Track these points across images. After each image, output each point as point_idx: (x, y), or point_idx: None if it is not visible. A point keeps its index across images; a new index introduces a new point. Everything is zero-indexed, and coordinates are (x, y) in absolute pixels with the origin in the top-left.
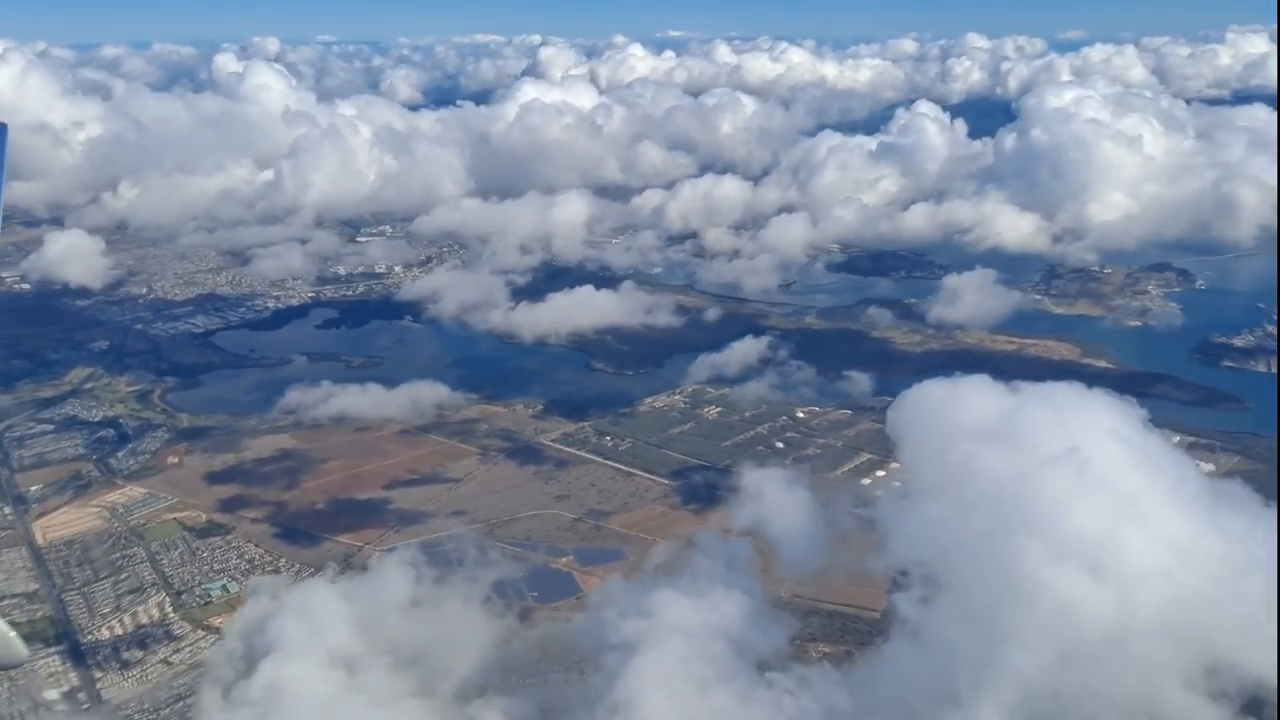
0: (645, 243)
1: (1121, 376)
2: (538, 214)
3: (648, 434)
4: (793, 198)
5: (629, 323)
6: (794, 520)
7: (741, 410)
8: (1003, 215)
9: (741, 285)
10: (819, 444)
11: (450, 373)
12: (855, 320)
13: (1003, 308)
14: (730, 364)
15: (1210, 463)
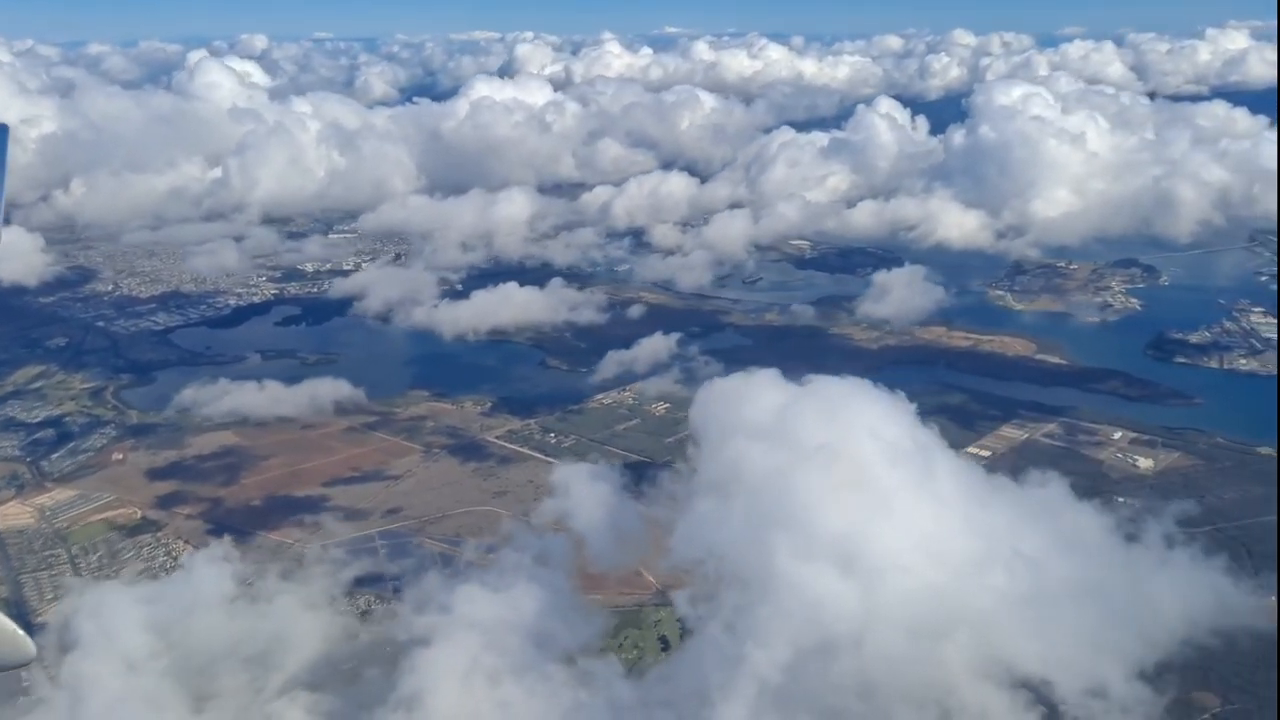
0: (586, 239)
1: (1072, 372)
2: (480, 211)
3: (593, 430)
4: (741, 194)
5: (580, 320)
6: (610, 516)
7: (689, 406)
8: (947, 212)
9: (700, 283)
10: None
11: (402, 370)
12: (815, 317)
13: (963, 303)
14: (681, 361)
15: (1149, 458)
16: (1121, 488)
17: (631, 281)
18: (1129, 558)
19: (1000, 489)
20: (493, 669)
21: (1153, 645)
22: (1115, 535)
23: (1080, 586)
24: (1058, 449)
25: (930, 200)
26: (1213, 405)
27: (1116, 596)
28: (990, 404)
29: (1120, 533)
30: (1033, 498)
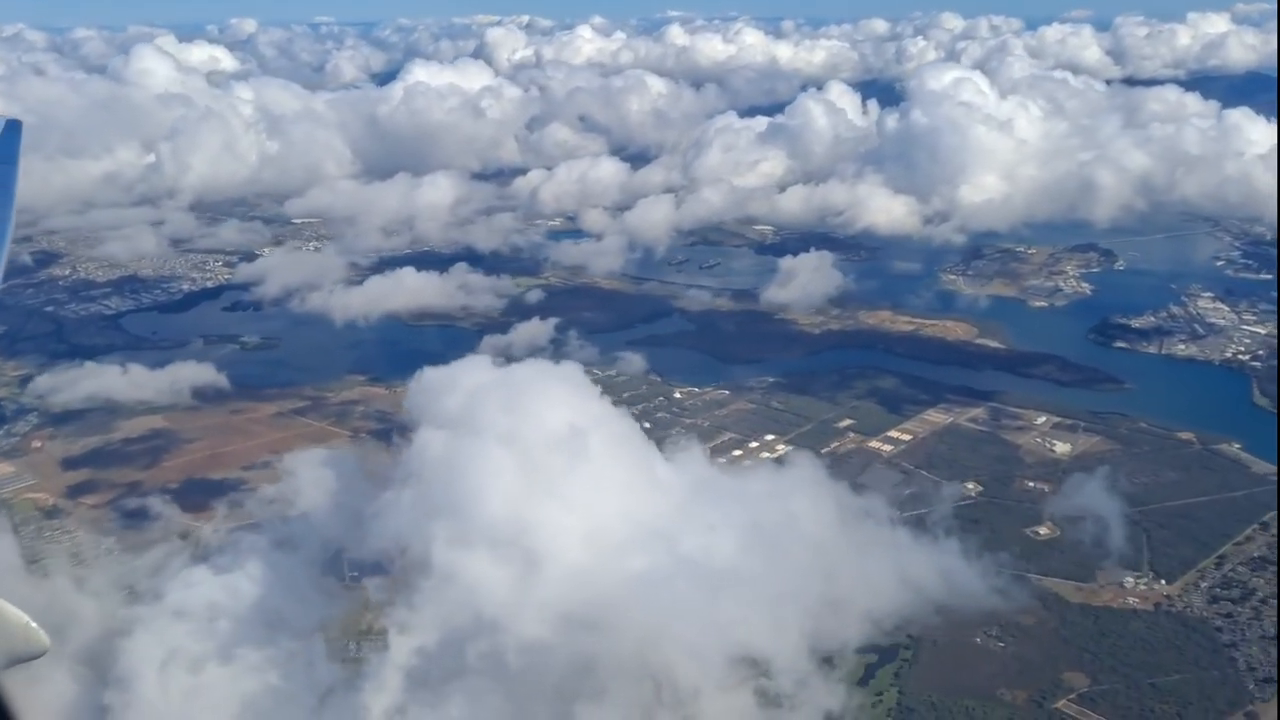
0: (508, 224)
1: (1009, 356)
2: (404, 196)
3: None
4: (674, 179)
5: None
6: (341, 499)
7: (621, 391)
8: (875, 198)
9: (612, 267)
10: (686, 423)
11: (342, 354)
12: (761, 301)
13: (913, 288)
14: (618, 345)
15: (1067, 443)
16: (1033, 471)
17: (554, 267)
18: (862, 541)
19: (711, 477)
20: (197, 655)
21: (868, 625)
22: (869, 519)
23: (791, 569)
24: (979, 433)
25: (859, 186)
26: (1144, 390)
27: (838, 579)
28: (921, 388)
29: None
30: (785, 481)
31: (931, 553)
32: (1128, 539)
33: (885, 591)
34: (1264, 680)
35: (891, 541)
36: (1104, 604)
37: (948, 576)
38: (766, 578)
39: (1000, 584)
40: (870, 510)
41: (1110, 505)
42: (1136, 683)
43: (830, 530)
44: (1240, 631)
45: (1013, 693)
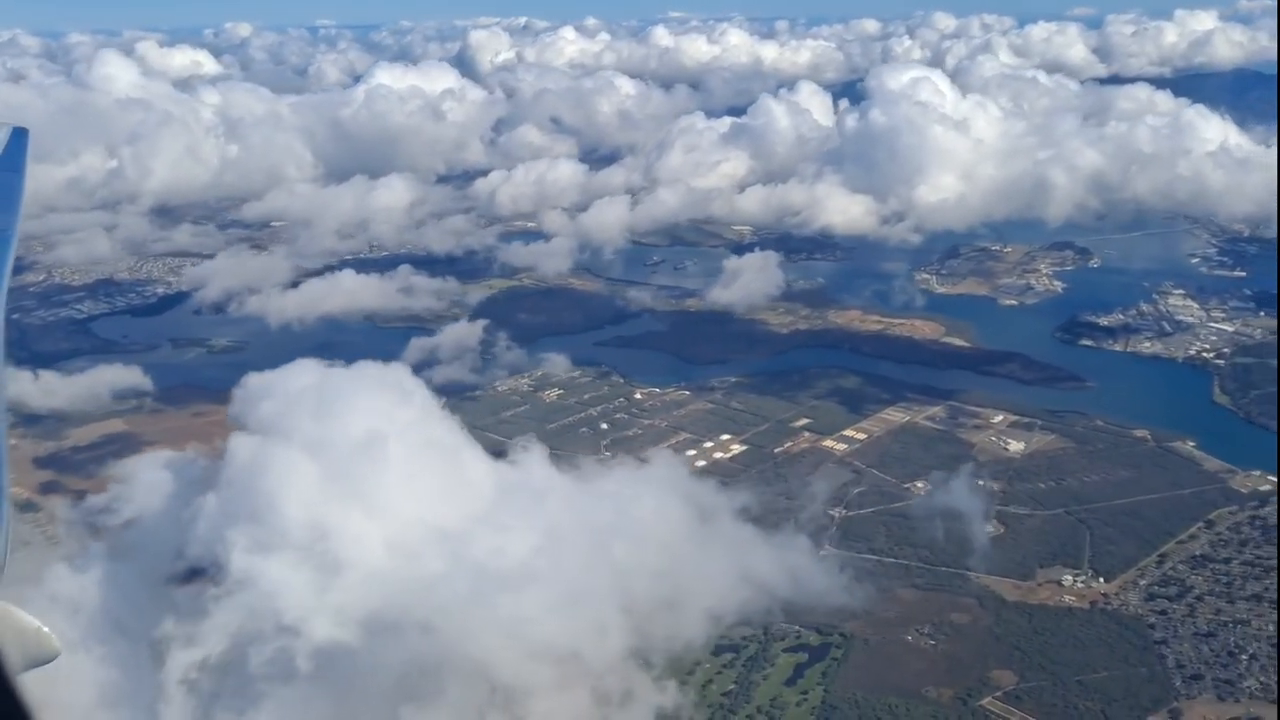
0: (462, 226)
1: (973, 355)
2: (360, 199)
3: (478, 417)
4: (635, 181)
5: (490, 307)
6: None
7: (583, 393)
8: (833, 198)
9: (561, 268)
10: (644, 424)
11: (308, 357)
12: (733, 301)
13: (885, 288)
14: (584, 347)
15: (1021, 442)
16: (985, 470)
17: (513, 268)
18: (712, 541)
19: (547, 480)
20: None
21: (709, 623)
22: (727, 519)
23: (616, 570)
24: (935, 432)
25: (818, 186)
26: (1105, 388)
27: (676, 579)
28: (882, 387)
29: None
30: (640, 484)
31: (787, 551)
32: (1071, 537)
33: (729, 591)
34: (1192, 678)
35: (747, 540)
36: (1040, 602)
37: (802, 574)
38: (585, 578)
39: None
40: (731, 509)
41: (1057, 503)
42: (1064, 680)
43: (676, 531)
44: (1173, 629)
45: (939, 690)
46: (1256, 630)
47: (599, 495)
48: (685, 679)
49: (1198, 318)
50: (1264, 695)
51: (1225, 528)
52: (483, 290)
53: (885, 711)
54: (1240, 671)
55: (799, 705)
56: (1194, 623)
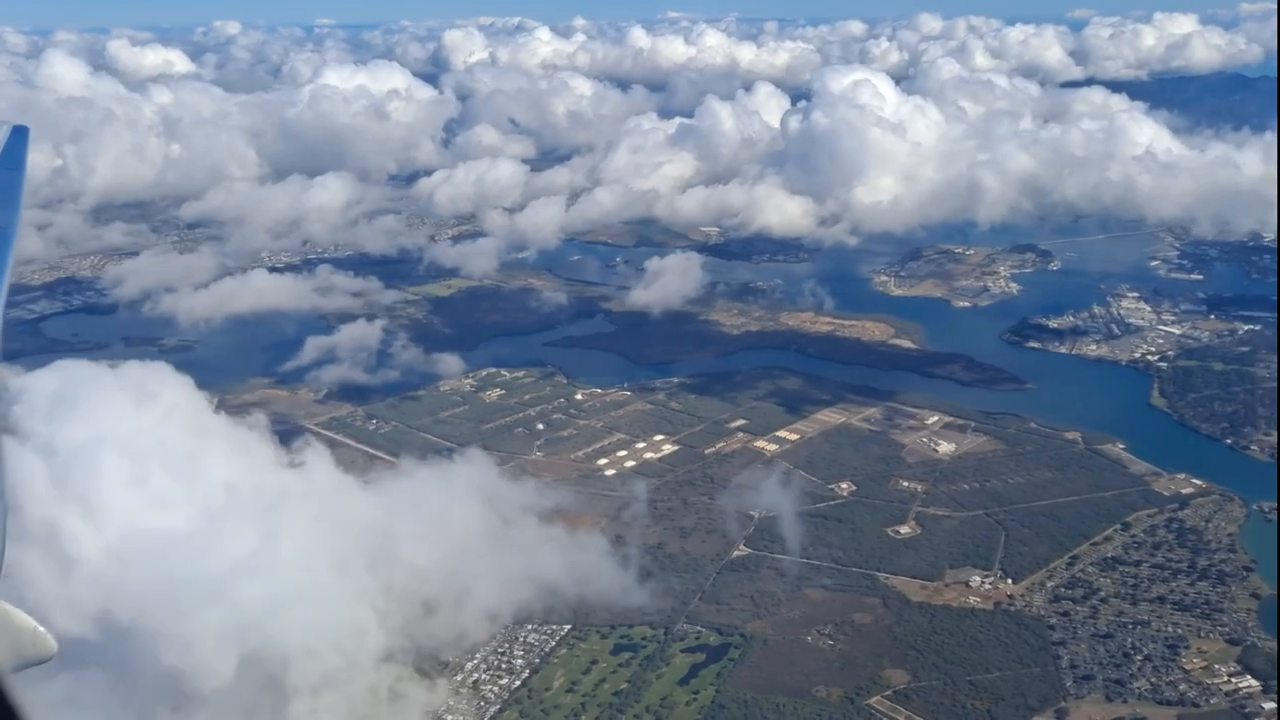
0: (397, 226)
1: (919, 356)
2: (295, 198)
3: (417, 417)
4: (579, 181)
5: (443, 307)
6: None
7: (524, 393)
8: (772, 199)
9: (488, 268)
10: (580, 425)
11: (254, 356)
12: (689, 302)
13: (842, 289)
14: (534, 347)
15: (952, 443)
16: (911, 471)
17: (456, 271)
18: (498, 541)
19: (326, 481)
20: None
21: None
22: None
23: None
24: (868, 433)
25: (758, 187)
26: (1044, 390)
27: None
28: (824, 388)
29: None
30: (433, 485)
31: (581, 552)
32: (986, 538)
33: (508, 590)
34: (1083, 678)
35: (540, 541)
36: (944, 602)
37: (594, 573)
38: (342, 578)
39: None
40: (534, 510)
41: (977, 505)
42: (955, 679)
43: (464, 532)
44: (1072, 630)
45: (829, 690)
46: (1155, 632)
47: (389, 496)
48: (453, 677)
49: (1148, 321)
50: (1152, 696)
51: (1141, 530)
52: (442, 290)
53: (773, 711)
54: (1132, 672)
55: (688, 705)
56: (1095, 624)
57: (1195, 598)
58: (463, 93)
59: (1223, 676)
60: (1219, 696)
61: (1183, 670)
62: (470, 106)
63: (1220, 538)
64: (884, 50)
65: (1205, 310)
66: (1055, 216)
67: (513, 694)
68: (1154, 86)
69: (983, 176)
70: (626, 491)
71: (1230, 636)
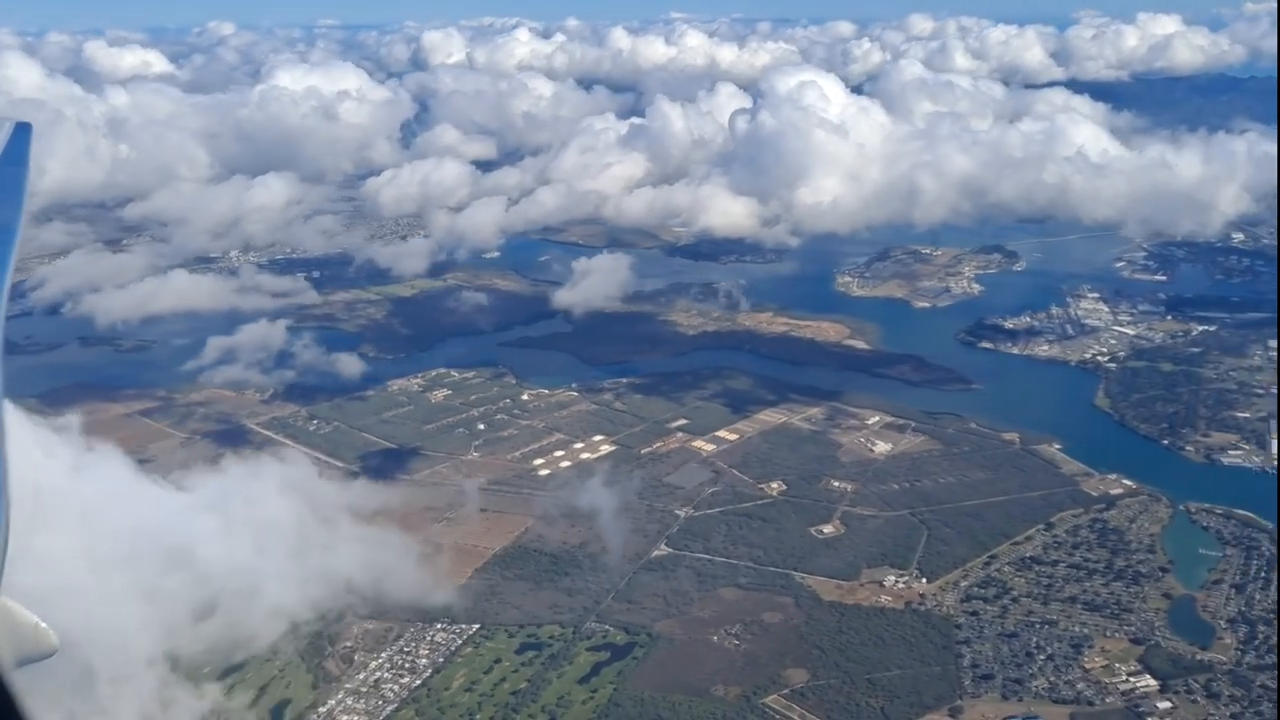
0: (335, 226)
1: (870, 357)
2: (236, 198)
3: (361, 417)
4: (528, 181)
5: (389, 308)
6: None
7: (471, 393)
8: (717, 199)
9: (418, 269)
10: (521, 425)
11: (209, 355)
12: (649, 303)
13: (805, 290)
14: (489, 347)
15: (890, 443)
16: (844, 471)
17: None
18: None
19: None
20: None
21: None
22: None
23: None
24: (808, 433)
25: (704, 188)
26: (990, 390)
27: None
28: (771, 388)
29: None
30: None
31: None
32: (908, 538)
33: (306, 588)
34: (983, 677)
35: (348, 538)
36: (856, 602)
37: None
38: (97, 579)
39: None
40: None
41: (904, 504)
42: (854, 678)
43: (263, 532)
44: (979, 630)
45: (727, 689)
46: (1062, 631)
47: (197, 496)
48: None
49: (1104, 321)
50: (1049, 695)
51: (1063, 530)
52: (404, 290)
53: (667, 709)
54: (1033, 671)
55: (584, 704)
56: (1002, 624)
57: (1107, 598)
58: (427, 94)
59: (1121, 676)
60: (1115, 695)
61: (1083, 670)
62: (435, 107)
63: (1142, 538)
64: (865, 51)
65: (1163, 311)
66: (996, 218)
67: (412, 693)
68: (1135, 87)
69: (920, 178)
70: (554, 491)
71: (1135, 637)
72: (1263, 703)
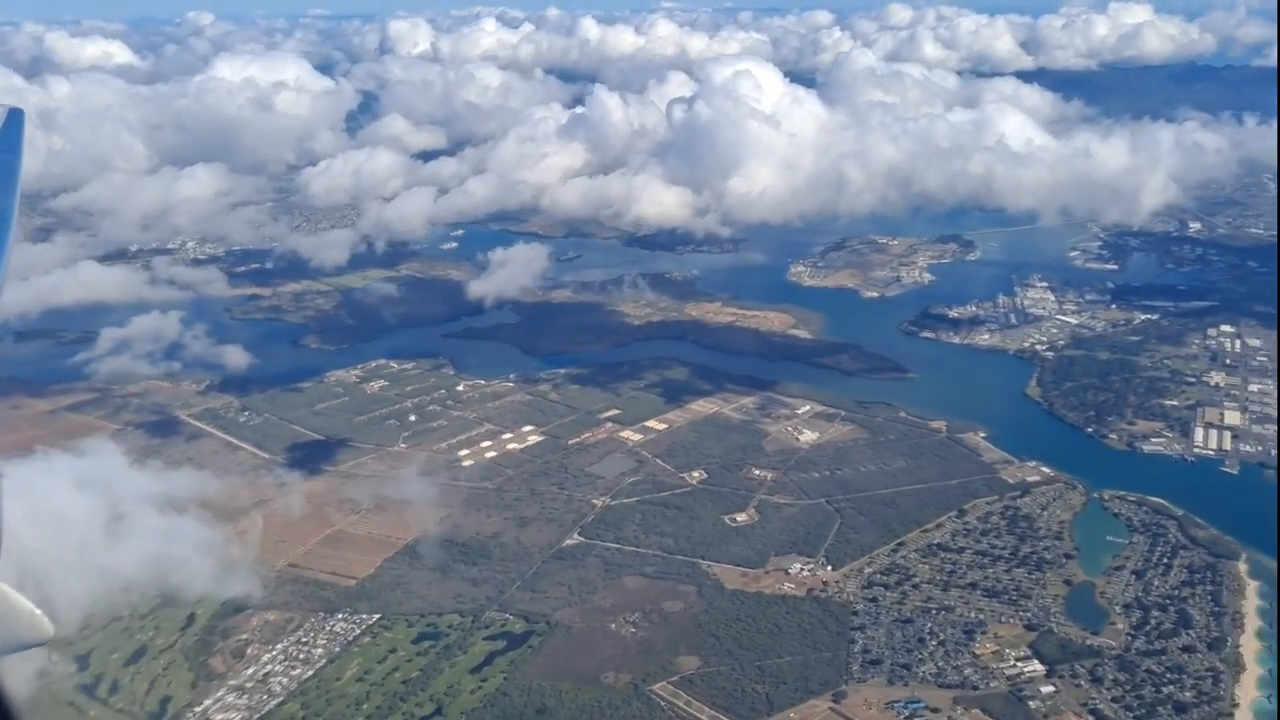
0: (254, 217)
1: (811, 346)
2: (165, 189)
3: (293, 409)
4: (464, 171)
5: (339, 299)
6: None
7: (407, 384)
8: (650, 189)
9: (339, 260)
10: (452, 416)
11: (154, 346)
12: (599, 293)
13: (756, 279)
14: (433, 338)
15: (816, 431)
16: (767, 460)
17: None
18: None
19: None
20: None
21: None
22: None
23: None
24: (737, 422)
25: (638, 178)
26: (925, 379)
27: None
28: (708, 378)
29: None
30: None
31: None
32: (820, 526)
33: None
34: (871, 662)
35: (140, 530)
36: (758, 589)
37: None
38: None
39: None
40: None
41: (820, 492)
42: (745, 665)
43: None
44: (875, 616)
45: (618, 677)
46: (958, 617)
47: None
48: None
49: (1049, 310)
50: (935, 679)
51: (975, 518)
52: (356, 280)
53: (554, 698)
54: (922, 657)
55: (473, 693)
56: (900, 610)
57: (1007, 584)
58: (378, 84)
59: (1010, 661)
60: (1000, 680)
61: (973, 655)
62: (385, 97)
63: (1051, 525)
64: (835, 40)
65: (1108, 300)
66: (926, 207)
67: (302, 685)
68: (1105, 76)
69: (847, 168)
70: (477, 482)
71: (1029, 622)
72: (1145, 686)
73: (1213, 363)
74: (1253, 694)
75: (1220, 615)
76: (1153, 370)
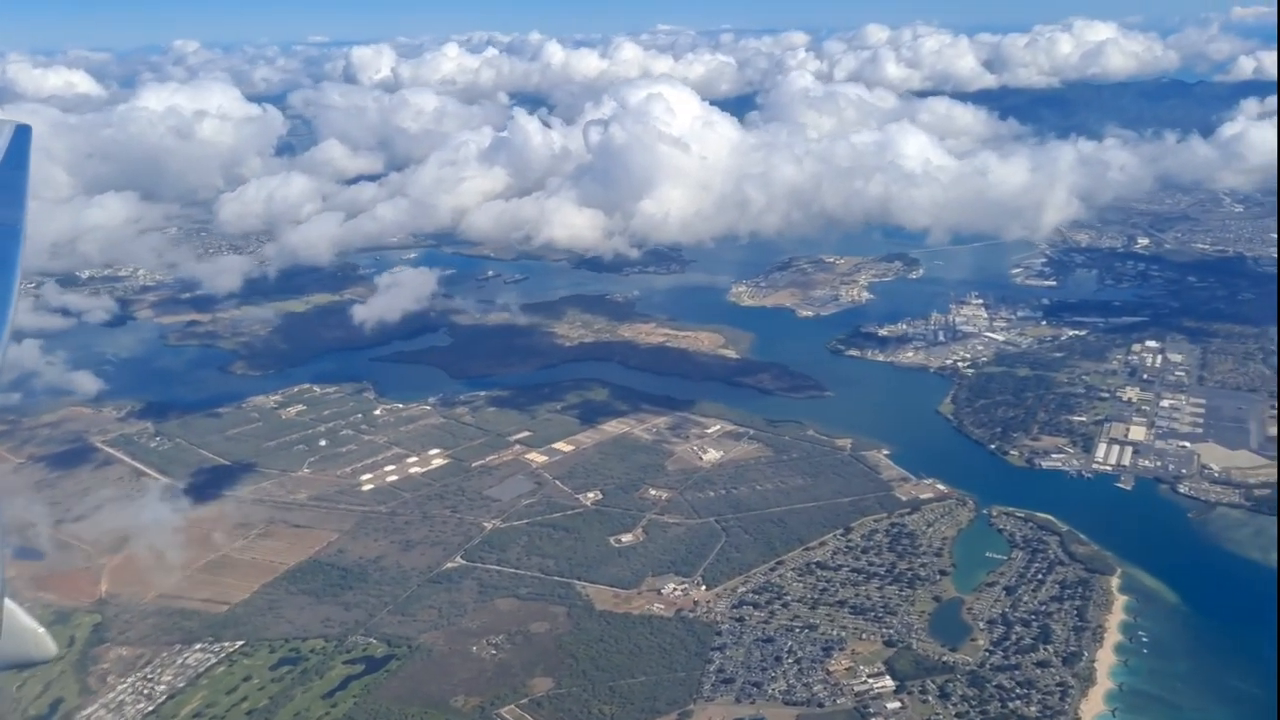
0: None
1: (735, 365)
2: (74, 217)
3: (205, 434)
4: (382, 196)
5: (276, 323)
6: None
7: (324, 409)
8: (562, 212)
9: (232, 286)
10: (364, 440)
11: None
12: (542, 314)
13: (694, 300)
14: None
15: (721, 450)
16: (665, 480)
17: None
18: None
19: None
20: None
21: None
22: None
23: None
24: (644, 442)
25: (551, 200)
26: (842, 398)
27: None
28: (626, 399)
29: None
30: None
31: None
32: (703, 545)
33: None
34: (724, 681)
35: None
36: (627, 610)
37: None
38: None
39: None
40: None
41: (711, 511)
42: (597, 686)
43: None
44: (738, 635)
45: (468, 700)
46: (819, 635)
47: None
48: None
49: (979, 327)
50: (783, 697)
51: (860, 535)
52: (298, 305)
53: None
54: (775, 675)
55: (322, 718)
56: (764, 629)
57: (876, 601)
58: (315, 111)
59: (861, 678)
60: (848, 696)
61: (826, 672)
62: (323, 124)
63: (934, 542)
64: (801, 61)
65: (1040, 316)
66: (830, 226)
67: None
68: (1069, 93)
69: (750, 189)
70: (373, 506)
71: (890, 639)
72: (992, 702)
73: (1130, 378)
74: (1099, 708)
75: (1082, 630)
76: (1068, 386)
